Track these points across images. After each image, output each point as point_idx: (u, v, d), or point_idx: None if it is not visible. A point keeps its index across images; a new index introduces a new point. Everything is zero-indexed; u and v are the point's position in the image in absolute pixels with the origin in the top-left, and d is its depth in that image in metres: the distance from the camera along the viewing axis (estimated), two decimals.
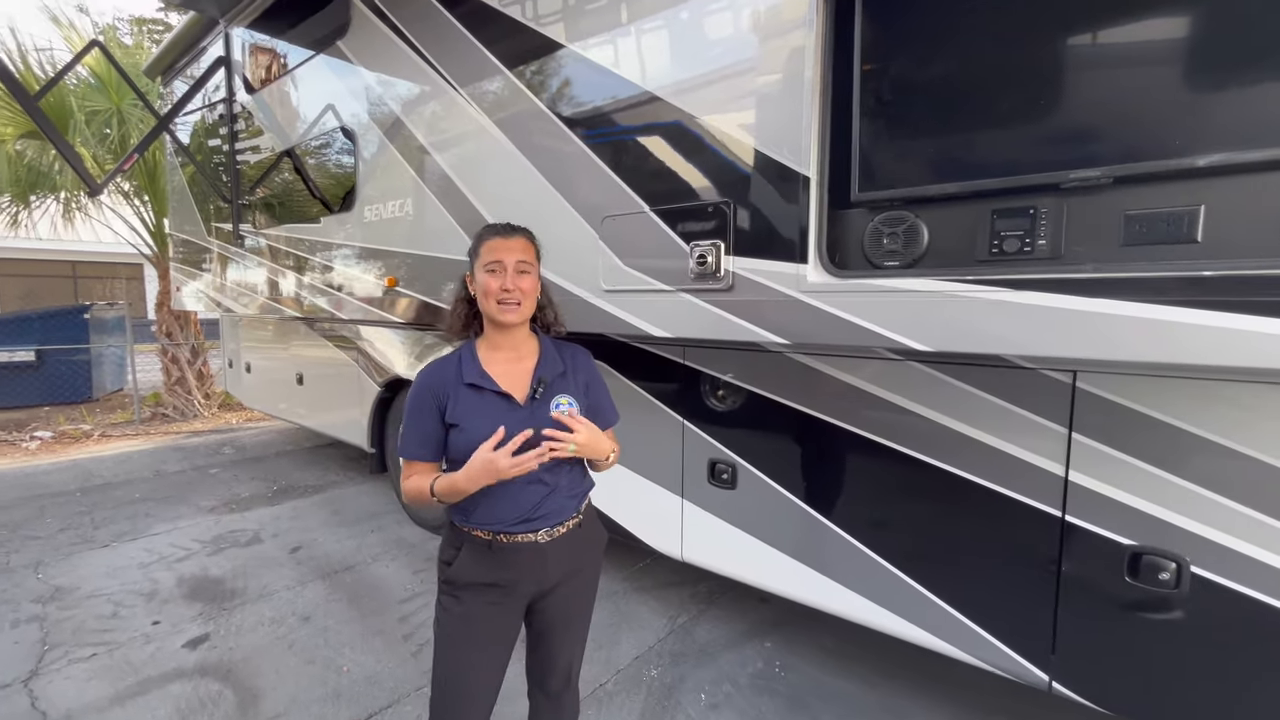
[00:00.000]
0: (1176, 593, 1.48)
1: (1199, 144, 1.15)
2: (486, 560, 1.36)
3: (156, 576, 3.30)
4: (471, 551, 1.36)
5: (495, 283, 1.31)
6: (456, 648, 1.37)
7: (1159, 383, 1.48)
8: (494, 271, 1.31)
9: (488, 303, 1.32)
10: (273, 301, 4.21)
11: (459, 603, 1.37)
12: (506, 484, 1.29)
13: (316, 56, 3.49)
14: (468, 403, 1.31)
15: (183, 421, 7.24)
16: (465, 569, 1.36)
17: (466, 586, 1.36)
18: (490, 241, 1.34)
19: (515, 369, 1.37)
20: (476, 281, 1.35)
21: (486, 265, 1.31)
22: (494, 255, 1.32)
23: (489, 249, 1.33)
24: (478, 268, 1.34)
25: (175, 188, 5.75)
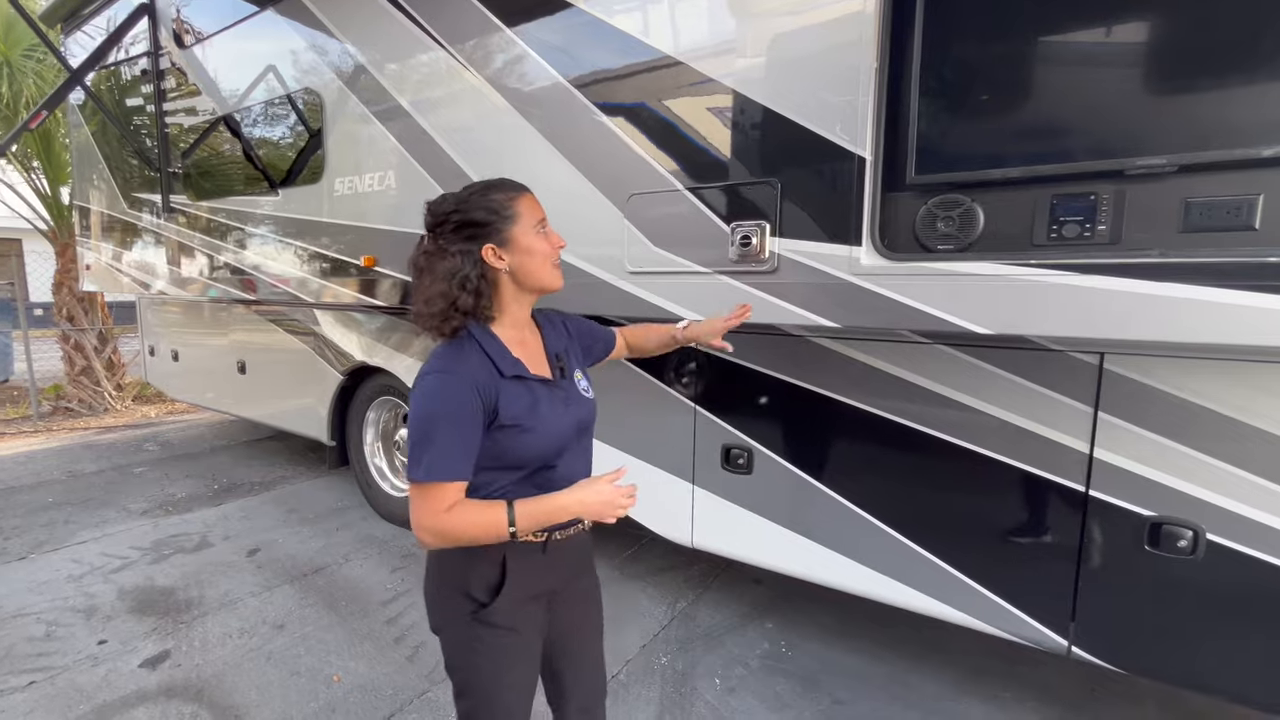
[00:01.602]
0: (1193, 559, 1.59)
1: (1260, 134, 1.20)
2: (538, 568, 1.18)
3: (93, 590, 2.94)
4: (521, 562, 1.15)
5: (549, 242, 1.16)
6: (500, 677, 1.17)
7: (1180, 363, 1.58)
8: (546, 231, 1.16)
9: (543, 268, 1.15)
10: (214, 283, 3.82)
11: (503, 632, 1.15)
12: (562, 474, 1.17)
13: (268, 9, 3.14)
14: (520, 399, 1.11)
15: (91, 416, 6.50)
16: (517, 586, 1.15)
17: (514, 609, 1.16)
18: (523, 197, 1.15)
19: (531, 347, 1.22)
20: (516, 249, 1.12)
21: (535, 225, 1.14)
22: (538, 211, 1.15)
23: (528, 205, 1.14)
24: (517, 232, 1.12)
25: (79, 150, 5.08)
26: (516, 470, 1.13)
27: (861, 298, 1.59)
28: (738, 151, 1.78)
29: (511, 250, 1.13)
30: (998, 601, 1.87)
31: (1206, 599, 1.60)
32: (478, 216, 1.11)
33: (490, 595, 1.14)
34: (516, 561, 1.15)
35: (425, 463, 1.04)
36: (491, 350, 1.12)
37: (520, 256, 1.13)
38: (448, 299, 1.09)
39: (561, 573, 1.25)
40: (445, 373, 1.07)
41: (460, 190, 1.16)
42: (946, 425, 1.90)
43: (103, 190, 4.77)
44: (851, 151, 1.57)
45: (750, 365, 2.26)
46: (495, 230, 1.12)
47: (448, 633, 1.19)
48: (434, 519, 1.04)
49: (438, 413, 1.05)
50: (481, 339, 1.13)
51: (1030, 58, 1.43)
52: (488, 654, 1.15)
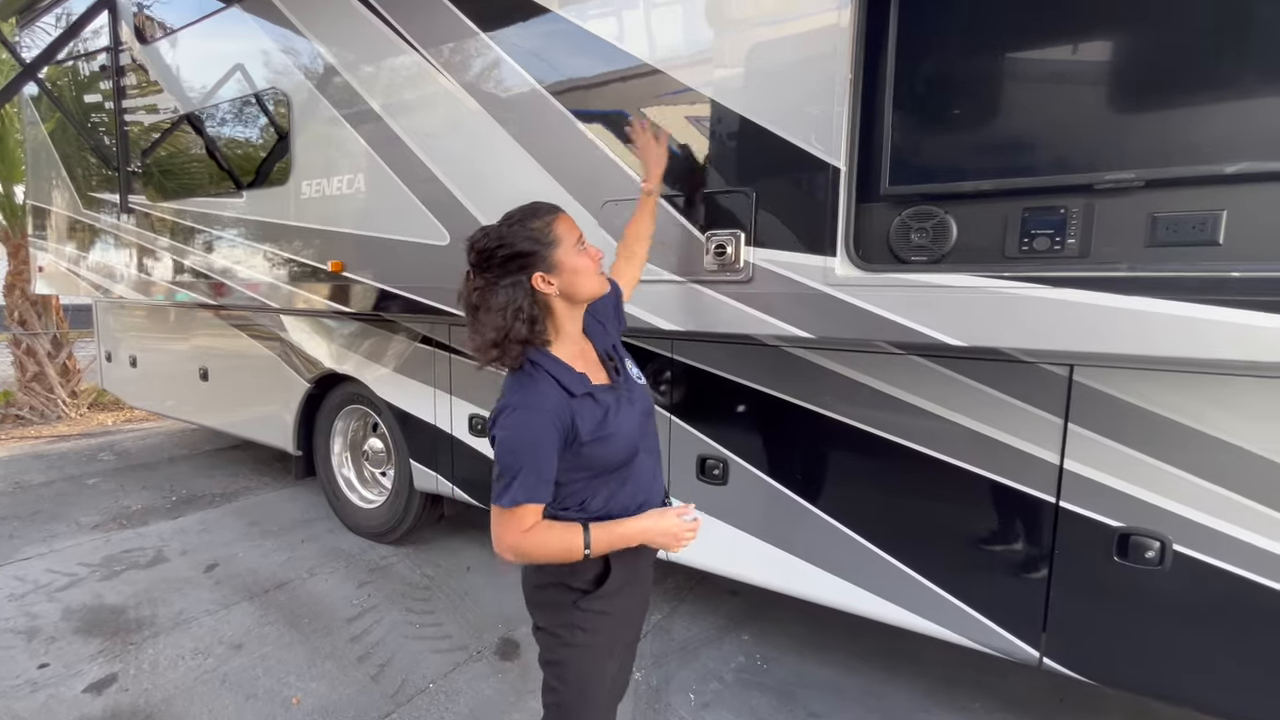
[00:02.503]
0: (1161, 569, 1.61)
1: (1224, 151, 1.22)
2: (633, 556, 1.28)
3: (36, 609, 2.79)
4: (621, 553, 1.24)
5: (589, 258, 1.21)
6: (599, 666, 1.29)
7: (1146, 375, 1.60)
8: (586, 246, 1.23)
9: (590, 279, 1.21)
10: (175, 286, 3.68)
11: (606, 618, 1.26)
12: (638, 465, 1.28)
13: (235, 5, 3.05)
14: (594, 414, 1.19)
15: (43, 424, 6.23)
16: (619, 575, 1.25)
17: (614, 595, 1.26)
18: (558, 219, 1.20)
19: (589, 357, 1.30)
20: (562, 271, 1.17)
21: (577, 243, 1.20)
22: (575, 228, 1.22)
23: (568, 228, 1.20)
24: (560, 255, 1.17)
25: (34, 148, 4.88)
26: (608, 474, 1.24)
27: (836, 308, 1.58)
28: (712, 160, 1.77)
29: (559, 273, 1.17)
30: (970, 613, 1.87)
31: (1175, 610, 1.62)
32: (523, 247, 1.15)
33: (595, 584, 1.24)
34: (618, 556, 1.24)
35: (512, 490, 1.12)
36: (559, 374, 1.18)
37: (568, 277, 1.18)
38: (501, 331, 1.14)
39: (650, 556, 1.39)
40: (524, 408, 1.14)
41: (498, 223, 1.20)
42: (920, 436, 1.90)
43: (58, 189, 4.59)
44: (826, 161, 1.57)
45: (726, 375, 2.24)
46: (541, 258, 1.16)
47: (549, 624, 1.28)
48: (516, 539, 1.15)
49: (522, 443, 1.13)
50: (548, 365, 1.18)
51: (1001, 72, 1.44)
52: (587, 641, 1.25)
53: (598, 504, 1.24)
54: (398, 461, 3.33)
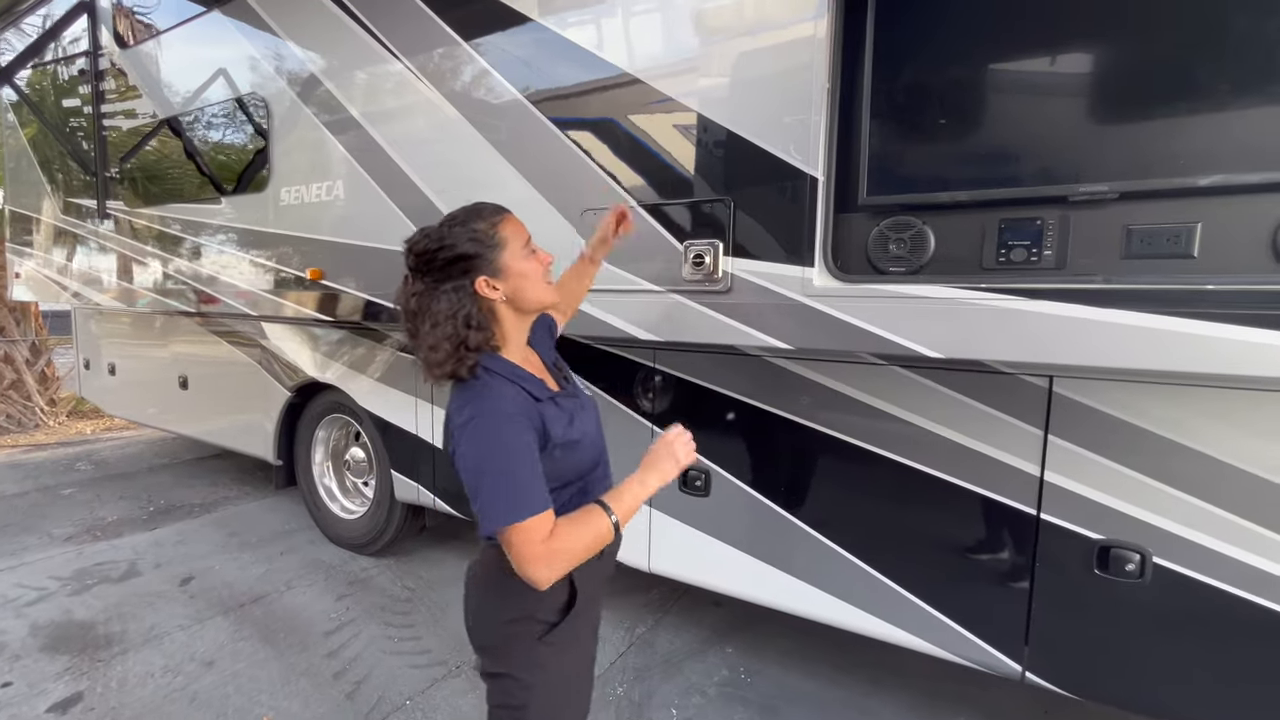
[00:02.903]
0: (1141, 582, 1.60)
1: (1198, 164, 1.22)
2: (598, 572, 1.20)
3: (3, 626, 2.71)
4: (585, 573, 1.13)
5: (538, 262, 1.13)
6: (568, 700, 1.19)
7: (1125, 386, 1.59)
8: (535, 250, 1.14)
9: (538, 286, 1.12)
10: (153, 293, 3.62)
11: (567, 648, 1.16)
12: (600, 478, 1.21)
13: (214, 10, 3.02)
14: (560, 417, 1.11)
15: (20, 433, 6.11)
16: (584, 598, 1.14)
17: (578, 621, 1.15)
18: (505, 221, 1.12)
19: (537, 366, 1.21)
20: (508, 275, 1.09)
21: (524, 246, 1.12)
22: (524, 231, 1.13)
23: (512, 229, 1.11)
24: (507, 258, 1.09)
25: (13, 153, 4.81)
26: (575, 483, 1.15)
27: (814, 319, 1.56)
28: (690, 169, 1.75)
29: (505, 278, 1.09)
30: (952, 626, 1.85)
31: (1156, 622, 1.61)
32: (466, 250, 1.06)
33: (560, 614, 1.13)
34: (583, 575, 1.13)
35: (511, 504, 1.00)
36: (519, 379, 1.10)
37: (515, 282, 1.10)
38: (455, 341, 1.05)
39: (609, 571, 1.29)
40: (491, 415, 1.03)
41: (439, 224, 1.11)
42: (901, 447, 1.88)
43: (37, 195, 4.52)
44: (804, 171, 1.55)
45: (708, 385, 2.22)
46: (486, 261, 1.07)
47: (506, 663, 1.14)
48: (540, 551, 1.00)
49: (503, 451, 1.02)
50: (504, 370, 1.09)
51: (979, 83, 1.44)
52: (555, 673, 1.14)
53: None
54: (379, 471, 3.28)
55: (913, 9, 1.44)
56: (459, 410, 1.06)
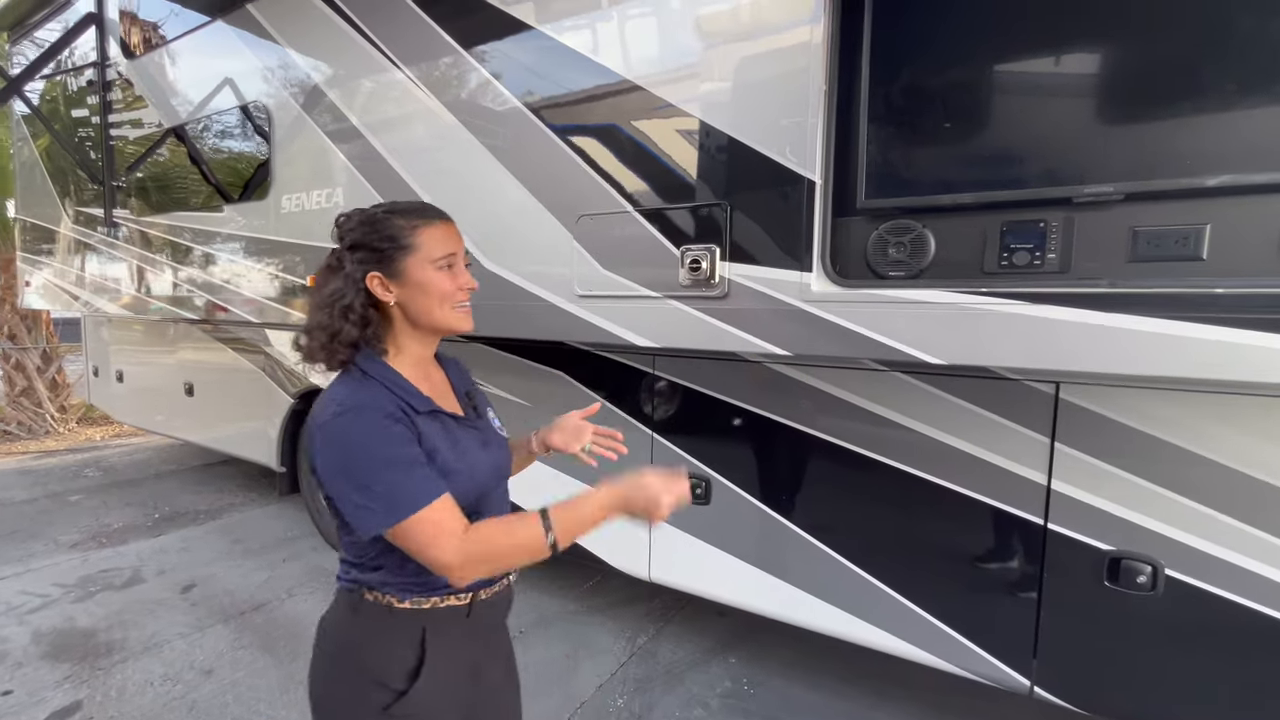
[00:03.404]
0: (1153, 595, 1.55)
1: (1206, 164, 1.18)
2: (462, 637, 1.01)
3: (6, 633, 2.71)
4: (442, 634, 0.99)
5: (454, 281, 1.01)
6: None
7: (1136, 393, 1.55)
8: (450, 267, 1.01)
9: (441, 309, 1.01)
10: (158, 300, 3.64)
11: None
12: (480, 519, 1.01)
13: (218, 20, 3.04)
14: (440, 436, 0.98)
15: (30, 439, 6.17)
16: (440, 665, 0.97)
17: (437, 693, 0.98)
18: (430, 228, 1.00)
19: (438, 384, 1.09)
20: (407, 282, 0.99)
21: (437, 260, 0.99)
22: (445, 245, 1.00)
23: (432, 237, 0.99)
24: (411, 265, 0.98)
25: (24, 163, 4.88)
26: None
27: (813, 325, 1.53)
28: (686, 173, 1.73)
29: (402, 283, 0.99)
30: (958, 639, 1.81)
31: (1168, 636, 1.56)
32: (372, 240, 0.99)
33: (408, 680, 0.95)
34: (437, 634, 0.98)
35: (392, 496, 0.88)
36: (397, 387, 0.97)
37: (411, 291, 0.99)
38: (328, 330, 0.96)
39: (486, 637, 1.09)
40: (357, 407, 0.92)
41: (373, 206, 1.03)
42: (903, 455, 1.84)
43: (46, 204, 4.57)
44: (801, 175, 1.53)
45: (708, 391, 2.19)
46: (387, 258, 0.98)
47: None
48: (455, 547, 0.88)
49: (375, 441, 0.90)
50: (382, 375, 0.98)
51: (979, 83, 1.41)
52: None
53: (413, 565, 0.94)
54: None
55: (911, 7, 1.42)
56: (325, 407, 0.94)
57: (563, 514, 0.93)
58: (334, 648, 1.01)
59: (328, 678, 1.01)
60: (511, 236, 2.09)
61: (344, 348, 0.97)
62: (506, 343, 2.64)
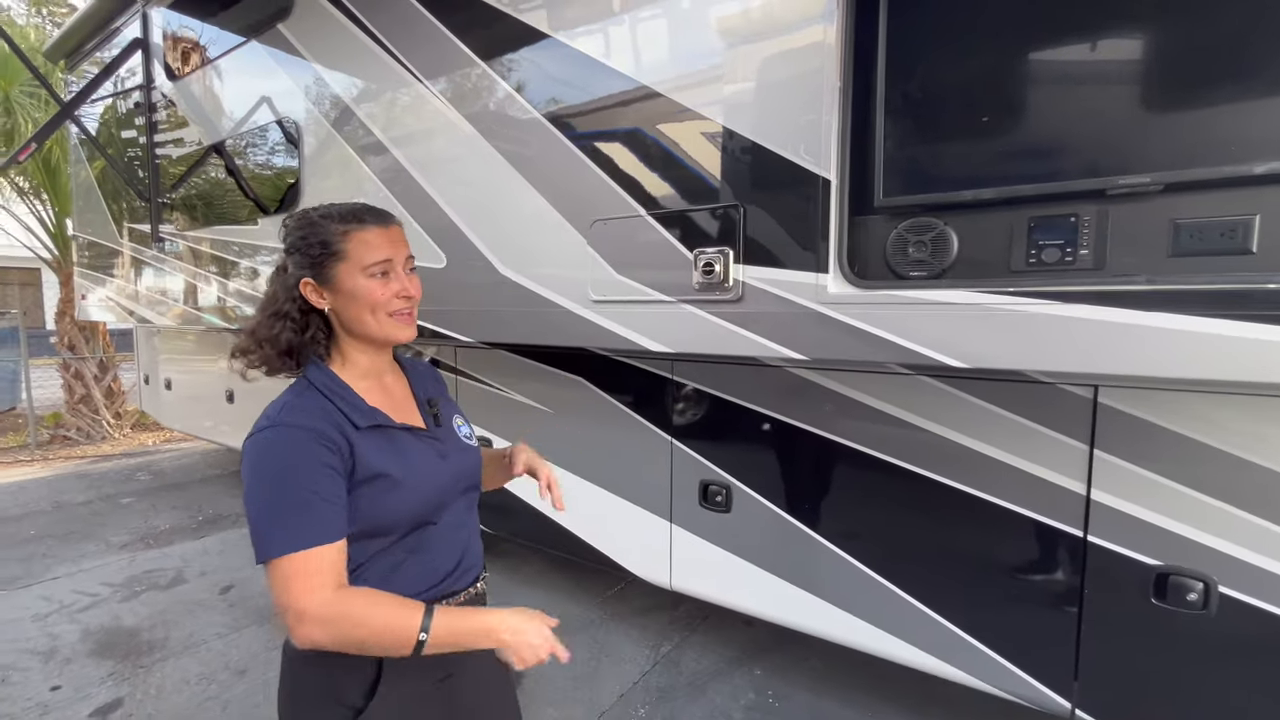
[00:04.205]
0: (1205, 614, 1.44)
1: (1254, 150, 1.10)
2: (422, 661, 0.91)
3: (56, 630, 2.85)
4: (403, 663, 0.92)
5: (387, 289, 0.96)
6: None
7: (1182, 396, 1.45)
8: (384, 275, 0.97)
9: (374, 317, 0.97)
10: (200, 311, 3.79)
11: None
12: (445, 532, 1.01)
13: (252, 41, 3.15)
14: (383, 450, 0.95)
15: (88, 444, 6.50)
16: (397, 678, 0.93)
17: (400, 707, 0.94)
18: (363, 233, 0.96)
19: (395, 393, 1.05)
20: (338, 290, 0.96)
21: (368, 267, 0.95)
22: (378, 252, 0.96)
23: (364, 243, 0.95)
24: (341, 272, 0.95)
25: (81, 184, 5.15)
26: (387, 535, 0.95)
27: (830, 328, 1.48)
28: (698, 175, 1.70)
29: (334, 290, 0.96)
30: (993, 657, 1.72)
31: (1222, 659, 1.44)
32: (305, 245, 0.96)
33: (365, 698, 0.91)
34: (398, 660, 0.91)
35: (281, 531, 0.83)
36: (339, 398, 0.94)
37: (343, 300, 0.96)
38: (263, 335, 0.96)
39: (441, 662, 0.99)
40: (282, 425, 0.89)
41: (313, 208, 0.99)
42: (931, 462, 1.77)
43: (99, 221, 4.82)
44: (816, 174, 1.48)
45: (727, 397, 2.15)
46: (319, 264, 0.95)
47: None
48: (316, 598, 0.82)
49: (282, 468, 0.87)
50: (325, 385, 0.95)
51: (1002, 71, 1.33)
52: None
53: (373, 575, 0.94)
54: None
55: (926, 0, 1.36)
56: (260, 419, 0.93)
57: (447, 619, 0.87)
58: (297, 664, 0.98)
59: (292, 697, 0.98)
60: (528, 242, 2.09)
61: (280, 354, 0.96)
62: (527, 349, 2.65)
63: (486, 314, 2.17)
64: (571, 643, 2.04)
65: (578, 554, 2.65)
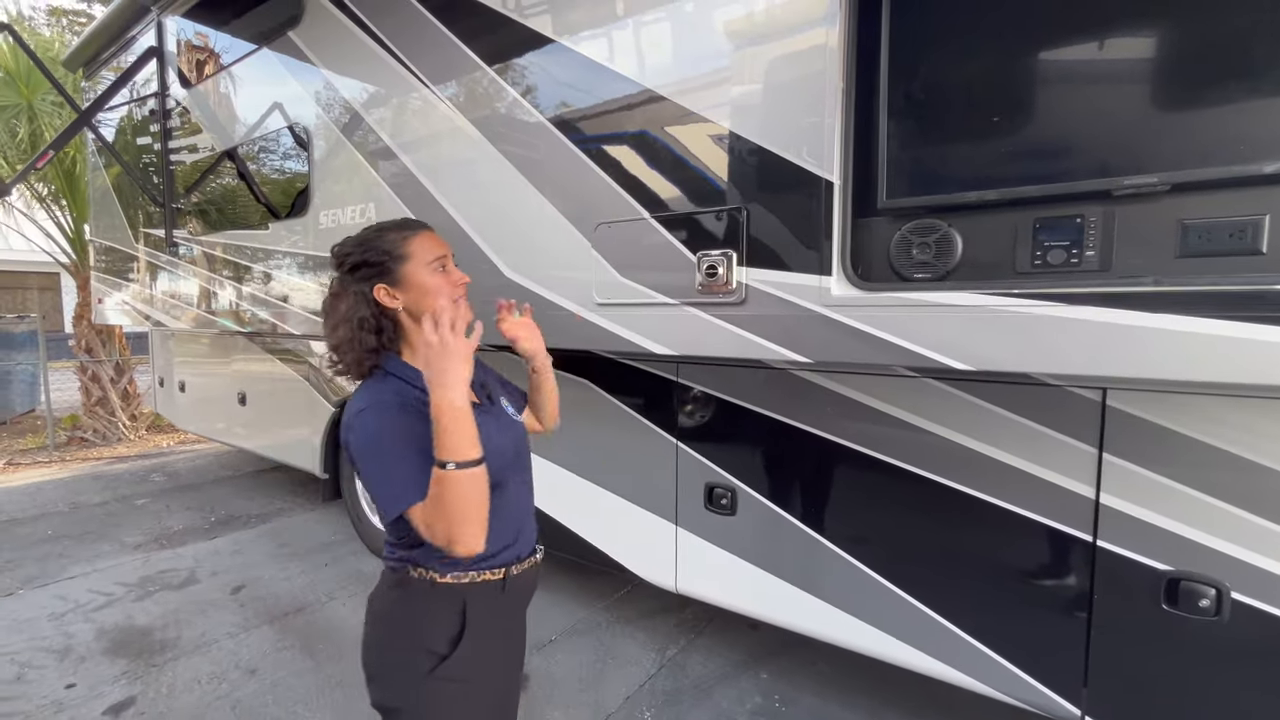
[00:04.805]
0: (1217, 620, 1.42)
1: (1264, 150, 1.08)
2: (499, 608, 1.14)
3: (72, 629, 2.89)
4: (481, 605, 1.11)
5: (448, 279, 1.15)
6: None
7: (1193, 399, 1.43)
8: (443, 268, 1.16)
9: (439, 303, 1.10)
10: (212, 314, 3.84)
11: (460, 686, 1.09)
12: (511, 496, 1.17)
13: (264, 48, 3.20)
14: None
15: (104, 446, 6.59)
16: (478, 632, 1.10)
17: (475, 658, 1.10)
18: (419, 238, 1.15)
19: None
20: (409, 287, 1.12)
21: (430, 263, 1.14)
22: (437, 249, 1.16)
23: (424, 246, 1.14)
24: (409, 271, 1.12)
25: (98, 190, 5.24)
26: None
27: (833, 330, 1.47)
28: (701, 178, 1.70)
29: (405, 289, 1.12)
30: (1001, 663, 1.70)
31: (1234, 665, 1.42)
32: (369, 258, 1.12)
33: (450, 646, 1.08)
34: (477, 604, 1.11)
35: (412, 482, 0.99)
36: (415, 381, 1.10)
37: (415, 295, 1.13)
38: (351, 343, 1.10)
39: (518, 609, 1.24)
40: (378, 405, 1.06)
41: (361, 231, 1.17)
42: (938, 466, 1.75)
43: (115, 226, 4.89)
44: (819, 176, 1.48)
45: (733, 399, 2.14)
46: (387, 270, 1.12)
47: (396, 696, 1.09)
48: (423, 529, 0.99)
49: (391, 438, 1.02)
50: (400, 371, 1.12)
51: (1006, 70, 1.32)
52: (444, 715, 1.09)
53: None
54: None
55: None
56: (353, 403, 1.08)
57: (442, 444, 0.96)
58: (383, 621, 1.13)
59: (379, 649, 1.13)
60: (533, 246, 2.10)
61: (369, 355, 1.11)
62: None
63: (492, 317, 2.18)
64: (577, 645, 2.04)
65: (583, 557, 2.65)
